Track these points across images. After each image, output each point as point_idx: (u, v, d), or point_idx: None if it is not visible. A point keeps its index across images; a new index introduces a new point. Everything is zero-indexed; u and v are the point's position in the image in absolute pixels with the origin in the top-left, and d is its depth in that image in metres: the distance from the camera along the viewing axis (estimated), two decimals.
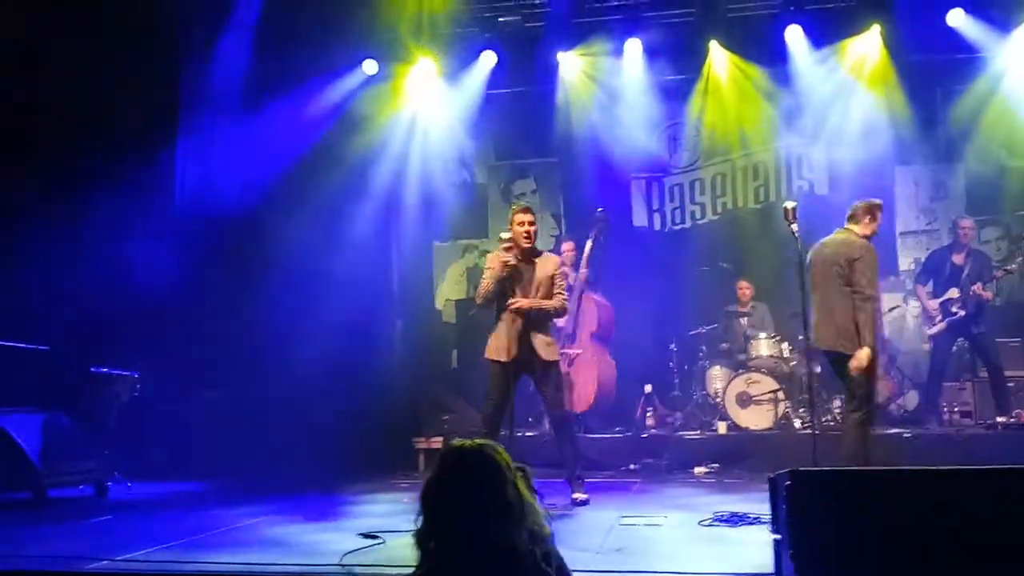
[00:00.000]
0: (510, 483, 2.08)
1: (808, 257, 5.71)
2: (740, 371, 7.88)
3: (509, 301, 5.58)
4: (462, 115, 9.06)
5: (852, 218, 5.69)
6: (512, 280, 5.60)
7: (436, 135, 9.16)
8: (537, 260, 5.74)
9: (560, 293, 5.75)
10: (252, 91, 7.90)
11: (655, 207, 9.55)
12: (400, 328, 9.13)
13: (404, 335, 9.14)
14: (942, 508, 3.14)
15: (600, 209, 8.09)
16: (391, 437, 7.70)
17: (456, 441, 2.15)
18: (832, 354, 5.53)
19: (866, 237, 5.57)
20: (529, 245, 5.59)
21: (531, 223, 5.65)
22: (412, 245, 9.35)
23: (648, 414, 8.04)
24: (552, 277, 5.73)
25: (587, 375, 7.87)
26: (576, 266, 7.96)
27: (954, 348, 7.88)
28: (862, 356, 5.30)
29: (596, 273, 8.16)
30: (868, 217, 5.63)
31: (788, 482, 3.26)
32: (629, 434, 7.84)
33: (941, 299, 7.71)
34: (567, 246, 8.26)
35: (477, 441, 2.14)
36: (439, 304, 9.70)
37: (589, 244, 7.94)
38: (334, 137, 8.25)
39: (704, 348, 8.35)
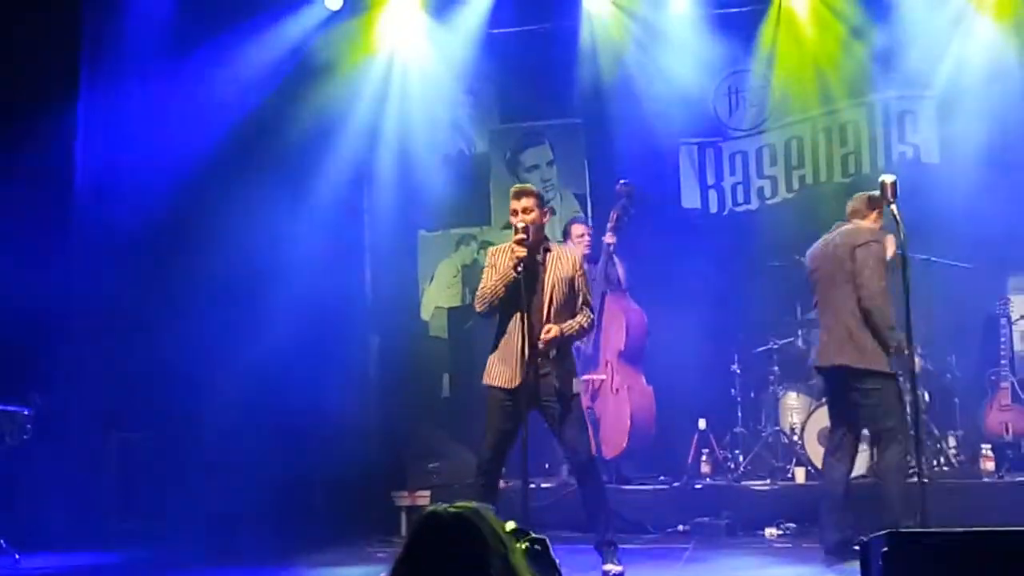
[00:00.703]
0: (499, 559, 2.10)
1: (807, 260, 6.29)
2: (824, 399, 7.86)
3: (544, 328, 5.53)
4: (456, 64, 9.09)
5: (854, 213, 6.30)
6: (524, 282, 5.58)
7: (421, 91, 9.18)
8: (548, 256, 5.73)
9: (587, 306, 5.76)
10: (177, 39, 7.93)
11: (710, 183, 9.55)
12: (375, 347, 9.17)
13: (381, 356, 9.17)
14: None
15: (623, 181, 8.07)
16: (365, 491, 7.72)
17: (431, 507, 2.17)
18: (842, 371, 6.00)
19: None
20: (525, 238, 5.54)
21: (526, 210, 5.60)
22: (391, 237, 9.38)
23: (702, 458, 8.04)
24: (572, 280, 5.71)
25: (616, 408, 7.88)
26: (594, 259, 7.95)
27: None
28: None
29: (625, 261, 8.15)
30: (874, 212, 6.22)
31: (885, 548, 3.26)
32: (677, 485, 7.84)
33: None
34: (578, 229, 8.23)
35: (458, 505, 2.16)
36: (426, 314, 9.73)
37: (610, 232, 7.94)
38: (285, 96, 8.28)
39: (776, 370, 8.32)
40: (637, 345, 8.07)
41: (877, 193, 5.89)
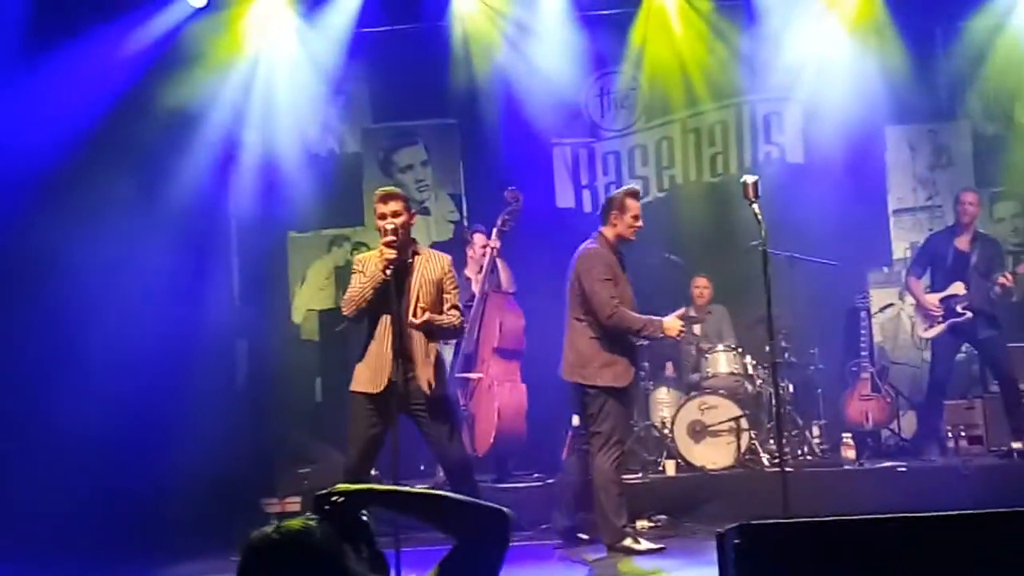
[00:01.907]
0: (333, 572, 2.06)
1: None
2: (693, 394, 8.00)
3: (410, 317, 5.49)
4: (324, 63, 8.97)
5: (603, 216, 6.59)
6: (393, 286, 5.50)
7: (289, 90, 9.03)
8: (416, 259, 5.65)
9: (455, 307, 5.70)
10: (31, 38, 7.58)
11: (584, 183, 9.64)
12: (244, 351, 8.99)
13: (250, 361, 9.00)
14: (940, 568, 3.20)
15: (511, 188, 8.10)
16: (233, 499, 7.55)
17: (257, 532, 2.09)
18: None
19: (620, 237, 6.50)
20: (395, 240, 5.46)
21: (395, 213, 5.51)
22: (259, 238, 9.21)
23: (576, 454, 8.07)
24: (439, 283, 5.64)
25: (487, 404, 7.88)
26: (491, 269, 8.01)
27: (959, 356, 8.16)
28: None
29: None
30: (615, 211, 6.49)
31: (736, 540, 3.27)
32: (551, 481, 7.84)
33: (944, 294, 7.97)
34: (480, 240, 8.25)
35: (293, 524, 2.11)
36: (297, 317, 9.58)
37: (495, 236, 7.97)
38: (145, 96, 8.00)
39: (647, 365, 8.42)
40: (512, 343, 8.06)
41: (617, 192, 6.62)
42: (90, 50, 7.73)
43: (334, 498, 2.27)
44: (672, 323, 6.45)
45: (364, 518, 2.31)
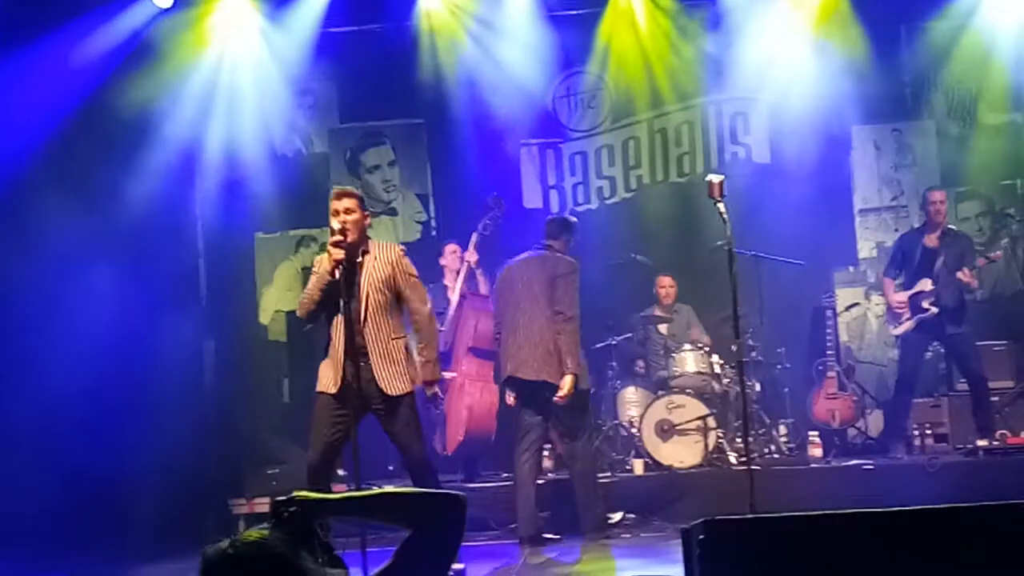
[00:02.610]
0: None
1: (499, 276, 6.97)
2: (660, 393, 8.02)
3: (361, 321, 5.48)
4: (290, 62, 8.93)
5: (549, 235, 6.95)
6: (343, 285, 5.46)
7: (255, 90, 8.98)
8: (366, 258, 5.57)
9: (417, 290, 5.66)
10: None
11: (552, 183, 9.65)
12: (211, 351, 8.92)
13: (217, 361, 8.93)
14: (904, 561, 3.23)
15: (495, 195, 8.12)
16: (200, 499, 7.57)
17: (216, 545, 2.08)
18: (536, 384, 6.66)
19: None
20: (341, 240, 5.40)
21: (348, 211, 5.49)
22: (226, 238, 9.14)
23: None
24: (390, 279, 5.57)
25: (457, 403, 7.88)
26: (469, 276, 8.07)
27: (927, 354, 8.24)
28: (567, 384, 6.54)
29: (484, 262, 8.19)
30: (565, 235, 6.93)
31: (701, 535, 3.29)
32: None
33: (911, 292, 8.03)
34: (450, 249, 8.26)
35: (248, 535, 2.10)
36: (264, 318, 9.52)
37: (475, 238, 7.98)
38: (107, 96, 7.95)
39: (615, 364, 8.46)
40: (486, 344, 8.04)
41: (571, 218, 7.22)
42: (54, 51, 7.67)
43: (291, 508, 2.29)
44: (568, 383, 6.62)
45: (318, 528, 2.33)
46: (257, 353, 9.32)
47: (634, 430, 7.98)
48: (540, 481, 7.09)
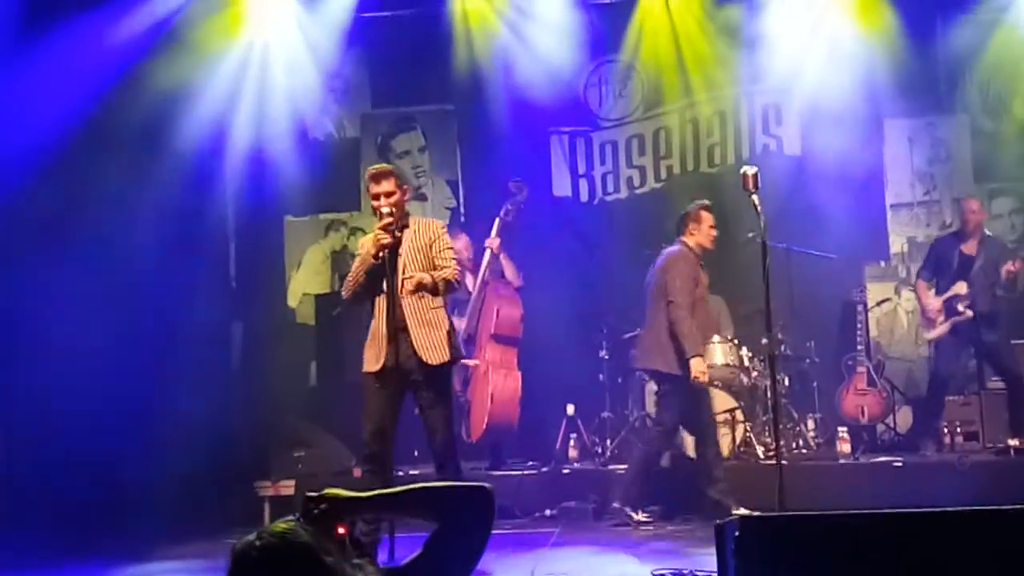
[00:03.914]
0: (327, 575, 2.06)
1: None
2: None
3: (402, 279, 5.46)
4: (323, 47, 8.93)
5: (678, 230, 7.24)
6: (387, 264, 5.48)
7: (289, 75, 8.99)
8: (405, 232, 5.62)
9: (449, 263, 5.64)
10: (28, 20, 7.52)
11: (581, 172, 9.60)
12: (239, 334, 8.96)
13: (245, 343, 8.98)
14: (934, 561, 3.20)
15: (516, 180, 8.09)
16: (226, 482, 7.56)
17: (245, 538, 2.09)
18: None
19: (700, 246, 7.12)
20: (391, 223, 5.46)
21: (388, 194, 5.52)
22: (256, 221, 9.18)
23: (570, 443, 8.07)
24: (428, 248, 5.63)
25: (481, 390, 7.87)
26: (475, 269, 8.03)
27: (962, 354, 8.17)
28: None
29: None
30: (682, 225, 7.14)
31: (737, 532, 3.27)
32: (545, 470, 7.86)
33: (946, 295, 7.97)
34: (462, 242, 8.24)
35: (276, 527, 2.11)
36: (293, 301, 9.54)
37: (497, 224, 7.95)
38: (140, 78, 7.93)
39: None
40: (508, 330, 8.04)
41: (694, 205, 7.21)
42: (87, 35, 7.67)
43: (322, 506, 2.31)
44: (698, 364, 6.79)
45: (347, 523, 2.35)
46: (285, 336, 9.35)
47: None
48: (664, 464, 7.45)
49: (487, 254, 8.04)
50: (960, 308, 7.88)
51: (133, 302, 7.17)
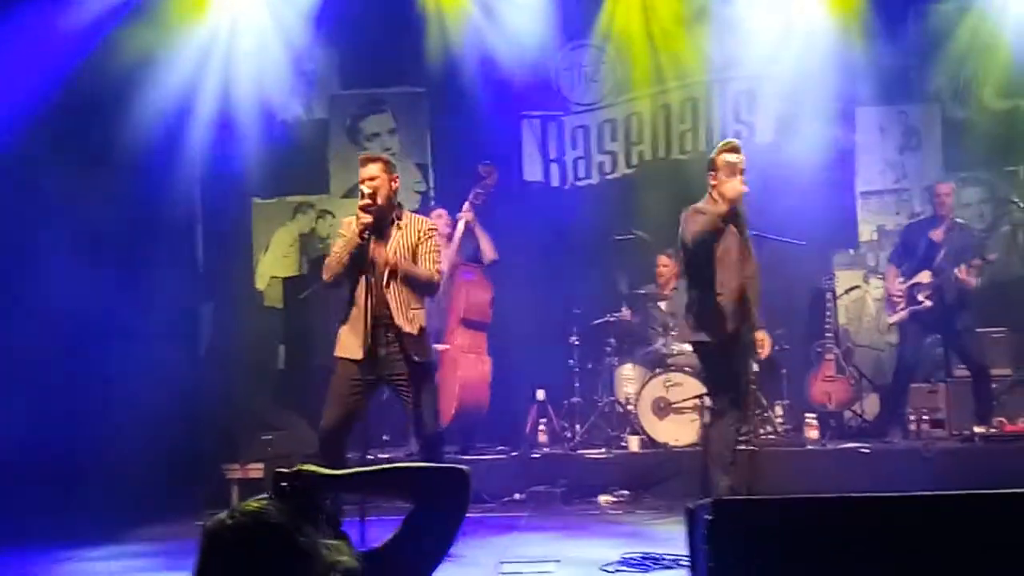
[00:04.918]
0: (301, 554, 2.05)
1: None
2: (658, 371, 8.02)
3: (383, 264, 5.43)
4: (293, 27, 8.85)
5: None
6: (369, 251, 5.45)
7: (257, 55, 8.89)
8: (396, 224, 5.62)
9: (433, 263, 5.65)
10: None
11: (552, 156, 9.59)
12: (208, 316, 8.89)
13: (213, 326, 8.91)
14: (903, 545, 3.24)
15: (486, 163, 8.07)
16: (195, 464, 7.52)
17: (211, 521, 2.07)
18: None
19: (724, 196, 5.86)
20: (370, 205, 5.43)
21: (371, 178, 5.49)
22: (224, 203, 9.10)
23: (540, 428, 8.09)
24: (415, 248, 5.62)
25: (450, 375, 7.86)
26: (465, 240, 8.01)
27: (928, 342, 8.25)
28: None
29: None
30: (711, 171, 5.93)
31: (709, 515, 3.29)
32: (515, 454, 7.89)
33: (909, 282, 8.05)
34: (436, 214, 8.21)
35: (248, 506, 2.10)
36: (261, 283, 9.48)
37: (467, 207, 7.94)
38: (105, 58, 7.83)
39: (613, 341, 8.45)
40: (477, 315, 8.03)
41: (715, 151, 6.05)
42: (46, 15, 7.54)
43: (294, 483, 2.28)
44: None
45: (321, 501, 2.33)
46: (253, 319, 9.29)
47: (631, 407, 7.99)
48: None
49: (461, 224, 7.99)
50: (920, 298, 7.96)
51: (98, 285, 7.08)
